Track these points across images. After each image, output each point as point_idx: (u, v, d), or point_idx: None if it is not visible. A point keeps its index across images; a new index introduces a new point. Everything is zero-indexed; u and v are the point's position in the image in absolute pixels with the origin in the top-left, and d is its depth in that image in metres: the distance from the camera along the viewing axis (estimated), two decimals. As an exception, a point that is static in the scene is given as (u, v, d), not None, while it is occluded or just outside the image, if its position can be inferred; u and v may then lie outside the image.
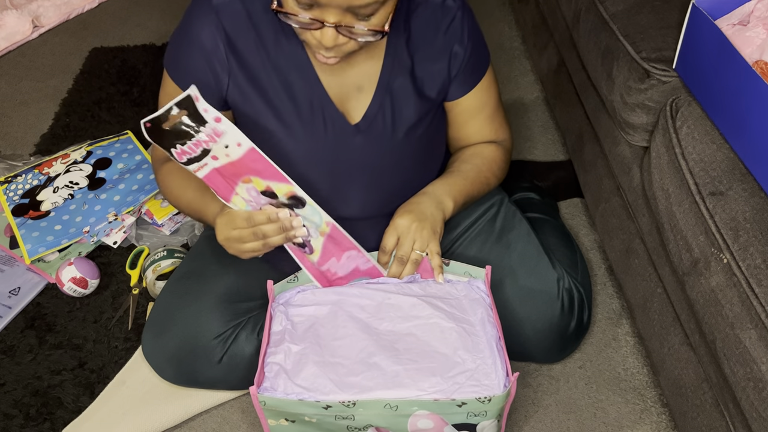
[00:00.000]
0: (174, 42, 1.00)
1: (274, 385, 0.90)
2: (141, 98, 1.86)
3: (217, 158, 0.90)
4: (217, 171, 0.92)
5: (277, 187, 0.92)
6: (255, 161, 0.91)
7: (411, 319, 0.97)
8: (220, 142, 0.89)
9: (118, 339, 1.28)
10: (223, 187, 0.93)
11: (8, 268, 1.41)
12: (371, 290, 1.01)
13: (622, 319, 1.29)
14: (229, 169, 0.91)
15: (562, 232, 1.30)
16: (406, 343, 0.95)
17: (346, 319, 0.98)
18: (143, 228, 1.47)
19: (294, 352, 0.94)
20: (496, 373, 0.91)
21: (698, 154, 0.95)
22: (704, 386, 0.98)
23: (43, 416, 1.17)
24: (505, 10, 2.19)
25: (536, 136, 1.71)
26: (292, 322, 0.98)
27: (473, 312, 0.98)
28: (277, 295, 1.02)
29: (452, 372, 0.91)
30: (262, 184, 0.92)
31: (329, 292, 1.02)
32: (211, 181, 0.93)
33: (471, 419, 0.89)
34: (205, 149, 0.89)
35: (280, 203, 0.94)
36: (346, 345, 0.95)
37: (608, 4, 1.22)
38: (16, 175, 1.56)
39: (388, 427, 0.91)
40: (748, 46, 0.93)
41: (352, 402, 0.87)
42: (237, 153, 0.90)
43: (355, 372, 0.91)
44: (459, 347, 0.93)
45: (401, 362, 0.92)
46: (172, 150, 0.89)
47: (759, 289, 0.80)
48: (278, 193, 0.93)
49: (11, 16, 2.09)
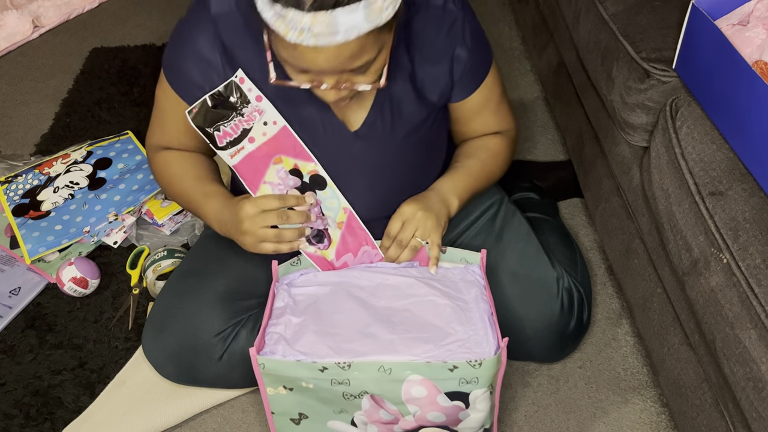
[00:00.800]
0: (172, 46, 1.00)
1: (273, 351, 0.93)
2: (141, 98, 1.86)
3: (254, 140, 0.97)
4: (251, 156, 0.98)
5: (302, 165, 0.98)
6: (287, 138, 0.97)
7: (407, 297, 1.00)
8: (260, 120, 0.96)
9: (118, 339, 1.28)
10: (253, 175, 0.98)
11: (9, 268, 1.41)
12: (371, 272, 1.04)
13: (622, 319, 1.29)
14: (263, 150, 0.98)
15: (562, 231, 1.30)
16: (401, 317, 0.98)
17: (345, 297, 1.01)
18: (143, 228, 1.47)
19: (294, 323, 0.97)
20: (487, 342, 0.93)
21: (698, 154, 0.95)
22: (704, 386, 0.98)
23: (44, 416, 1.17)
24: (505, 10, 2.19)
25: (536, 136, 1.71)
26: (294, 299, 1.01)
27: (468, 291, 1.01)
28: (281, 276, 1.05)
29: (445, 341, 0.93)
30: (291, 163, 0.98)
31: (331, 275, 1.05)
32: (243, 168, 0.98)
33: (463, 387, 0.91)
34: (245, 129, 0.96)
35: (306, 184, 0.99)
36: (344, 318, 0.98)
37: (608, 4, 1.22)
38: (17, 175, 1.56)
39: (383, 394, 0.93)
40: (748, 46, 0.93)
41: (347, 364, 0.89)
42: (273, 131, 0.97)
43: (352, 340, 0.94)
44: (452, 320, 0.96)
45: (396, 332, 0.95)
46: (215, 134, 0.96)
47: (759, 289, 0.80)
48: (303, 172, 0.98)
49: (11, 16, 2.09)
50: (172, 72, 1.00)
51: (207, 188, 1.05)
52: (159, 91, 1.06)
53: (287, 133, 0.97)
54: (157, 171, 1.12)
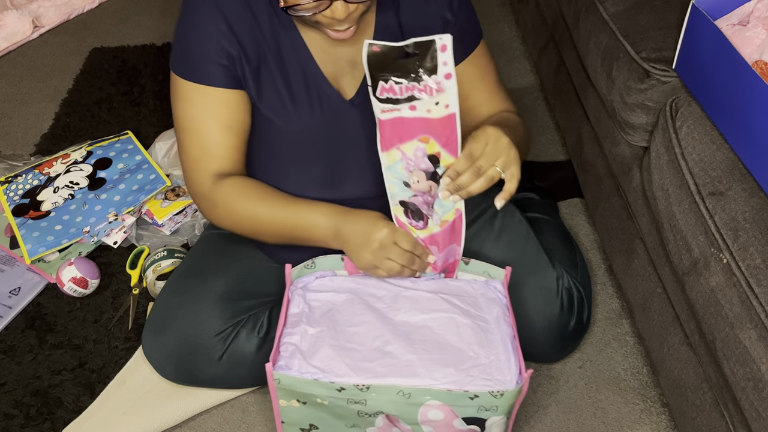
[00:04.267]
0: (180, 39, 0.99)
1: (288, 364, 0.91)
2: (141, 98, 1.86)
3: (415, 108, 0.87)
4: (402, 120, 0.88)
5: (444, 156, 0.90)
6: (447, 126, 0.88)
7: (426, 312, 0.98)
8: (435, 98, 0.86)
9: (118, 339, 1.28)
10: (392, 136, 0.90)
11: (8, 268, 1.41)
12: (388, 283, 1.02)
13: (622, 319, 1.29)
14: (417, 124, 0.88)
15: (562, 231, 1.30)
16: (420, 334, 0.95)
17: (362, 307, 0.99)
18: (143, 228, 1.47)
19: (310, 334, 0.95)
20: (509, 369, 0.91)
21: (698, 154, 0.95)
22: (704, 386, 0.98)
23: (44, 416, 1.17)
24: (505, 10, 2.19)
25: (536, 136, 1.71)
26: (309, 305, 0.99)
27: (489, 310, 0.99)
28: (294, 279, 1.03)
29: (465, 365, 0.91)
30: (435, 149, 0.90)
31: (347, 280, 1.03)
32: (387, 126, 0.89)
33: (481, 413, 0.90)
34: (412, 96, 0.86)
35: (435, 173, 0.92)
36: (361, 332, 0.95)
37: (608, 4, 1.22)
38: (17, 175, 1.56)
39: (399, 415, 0.91)
40: (748, 46, 0.93)
41: (366, 386, 0.88)
42: (439, 113, 0.87)
43: (370, 358, 0.92)
44: (473, 342, 0.94)
45: (415, 352, 0.92)
46: (380, 82, 0.86)
47: (759, 289, 0.80)
48: (441, 163, 0.91)
49: (11, 16, 2.09)
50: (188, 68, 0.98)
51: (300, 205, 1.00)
52: (185, 110, 1.00)
53: (452, 122, 0.87)
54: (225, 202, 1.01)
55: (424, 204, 0.95)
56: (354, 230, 0.95)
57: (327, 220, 0.97)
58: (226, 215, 1.02)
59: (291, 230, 1.00)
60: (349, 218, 0.96)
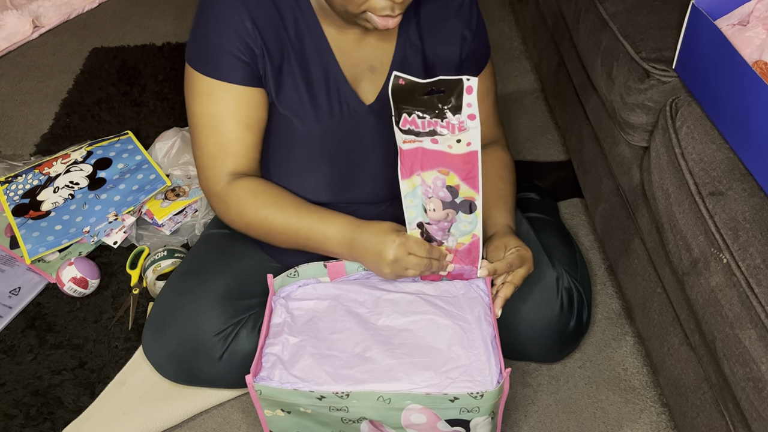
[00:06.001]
0: (200, 34, 0.97)
1: (270, 375, 0.92)
2: (141, 98, 1.87)
3: (436, 142, 0.87)
4: (424, 151, 0.88)
5: (464, 189, 0.91)
6: (468, 162, 0.88)
7: (408, 314, 0.98)
8: (457, 135, 0.86)
9: (118, 339, 1.28)
10: (413, 164, 0.90)
11: (8, 268, 1.41)
12: (369, 287, 1.02)
13: (622, 319, 1.29)
14: (438, 156, 0.89)
15: (562, 231, 1.30)
16: (401, 338, 0.95)
17: (344, 314, 0.99)
18: (143, 228, 1.47)
19: (291, 344, 0.95)
20: (489, 370, 0.91)
21: (698, 154, 0.95)
22: (704, 386, 0.98)
23: (44, 416, 1.17)
24: (505, 10, 2.19)
25: (536, 136, 1.71)
26: (291, 314, 1.00)
27: (470, 310, 0.99)
28: (277, 288, 1.03)
29: (446, 367, 0.91)
30: (455, 181, 0.90)
31: (330, 286, 1.03)
32: (408, 155, 0.89)
33: (464, 415, 0.90)
34: (434, 131, 0.86)
35: (453, 203, 0.92)
36: (342, 339, 0.95)
37: (608, 4, 1.22)
38: (17, 175, 1.56)
39: (382, 420, 0.92)
40: (748, 46, 0.93)
41: (346, 393, 0.88)
42: (460, 150, 0.87)
43: (350, 365, 0.92)
44: (454, 343, 0.94)
45: (395, 356, 0.93)
46: (403, 114, 0.86)
47: (759, 289, 0.80)
48: (460, 194, 0.91)
49: (11, 16, 2.09)
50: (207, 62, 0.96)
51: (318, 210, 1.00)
52: (203, 107, 0.98)
53: (474, 159, 0.88)
54: (237, 205, 1.00)
55: (439, 231, 0.95)
56: (366, 247, 0.95)
57: (339, 235, 0.97)
58: (238, 218, 1.02)
59: (304, 240, 1.00)
60: (361, 233, 0.95)
